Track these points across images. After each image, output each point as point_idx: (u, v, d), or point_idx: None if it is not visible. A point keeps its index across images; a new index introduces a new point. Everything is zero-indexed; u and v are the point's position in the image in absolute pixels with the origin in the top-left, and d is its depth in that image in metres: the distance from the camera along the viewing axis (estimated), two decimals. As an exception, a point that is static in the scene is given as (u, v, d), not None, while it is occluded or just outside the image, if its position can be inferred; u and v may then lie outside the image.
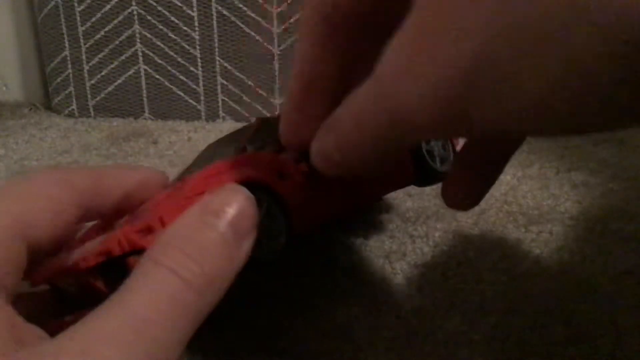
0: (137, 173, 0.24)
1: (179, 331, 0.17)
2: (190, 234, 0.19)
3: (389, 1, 0.19)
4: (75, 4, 0.56)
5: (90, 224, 0.25)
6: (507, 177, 0.41)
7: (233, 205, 0.19)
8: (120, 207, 0.24)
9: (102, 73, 0.58)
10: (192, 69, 0.57)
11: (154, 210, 0.20)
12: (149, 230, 0.19)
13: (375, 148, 0.18)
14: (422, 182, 0.30)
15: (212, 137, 0.53)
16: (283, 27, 0.55)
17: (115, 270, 0.19)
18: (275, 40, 0.56)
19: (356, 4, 0.19)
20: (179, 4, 0.55)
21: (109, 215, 0.24)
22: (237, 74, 0.57)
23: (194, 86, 0.58)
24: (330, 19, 0.19)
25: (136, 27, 0.56)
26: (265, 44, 0.56)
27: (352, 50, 0.20)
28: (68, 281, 0.20)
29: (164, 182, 0.25)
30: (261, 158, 0.23)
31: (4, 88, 0.66)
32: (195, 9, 0.55)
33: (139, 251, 0.19)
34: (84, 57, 0.58)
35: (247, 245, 0.20)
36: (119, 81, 0.58)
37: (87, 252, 0.20)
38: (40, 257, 0.21)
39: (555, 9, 0.12)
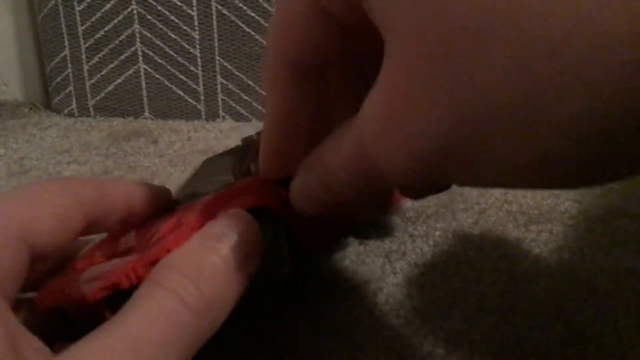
0: (142, 188, 0.24)
1: (175, 351, 0.17)
2: (190, 257, 0.19)
3: (358, 44, 0.19)
4: (75, 4, 0.56)
5: (95, 237, 0.25)
6: (507, 176, 0.41)
7: (235, 230, 0.20)
8: (124, 222, 0.24)
9: (102, 72, 0.58)
10: (192, 68, 0.57)
11: (161, 243, 0.20)
12: (156, 263, 0.19)
13: (357, 190, 0.18)
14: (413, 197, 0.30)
15: (212, 137, 0.53)
16: (283, 26, 0.55)
17: (122, 301, 0.19)
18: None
19: (320, 50, 0.19)
20: (179, 4, 0.55)
21: (114, 231, 0.24)
22: (237, 73, 0.57)
23: (194, 86, 0.58)
24: (296, 65, 0.19)
25: (136, 26, 0.56)
26: (265, 43, 0.56)
27: (321, 92, 0.20)
28: (74, 308, 0.20)
29: (168, 199, 0.25)
30: (266, 183, 0.23)
31: (4, 87, 0.66)
32: (195, 9, 0.55)
33: None
34: (83, 56, 0.58)
35: (249, 269, 0.20)
36: (119, 80, 0.58)
37: (94, 282, 0.20)
38: (43, 263, 0.21)
39: (513, 100, 0.12)
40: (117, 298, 0.19)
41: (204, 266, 0.19)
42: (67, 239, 0.21)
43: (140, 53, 0.57)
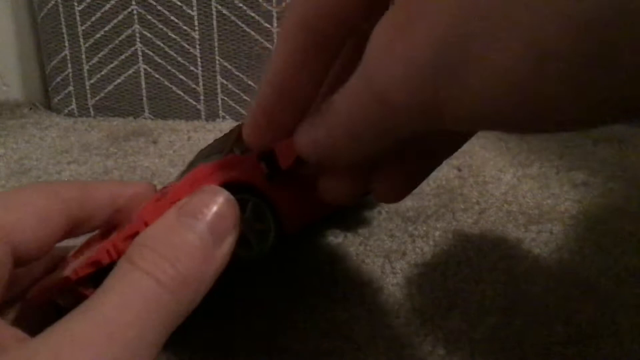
0: (128, 187, 0.24)
1: (152, 333, 0.17)
2: (165, 235, 0.18)
3: (374, 14, 0.19)
4: (75, 4, 0.56)
5: (82, 238, 0.25)
6: (507, 176, 0.41)
7: (210, 206, 0.19)
8: (112, 222, 0.24)
9: (102, 72, 0.58)
10: (192, 68, 0.57)
11: (139, 216, 0.20)
12: (135, 235, 0.19)
13: (367, 137, 0.18)
14: None
15: (212, 137, 0.53)
16: (283, 26, 0.55)
17: (104, 276, 0.19)
18: (275, 40, 0.56)
19: (342, 24, 0.19)
20: (179, 4, 0.55)
21: (102, 231, 0.24)
22: (237, 73, 0.57)
23: (194, 85, 0.58)
24: (313, 28, 0.19)
25: (136, 26, 0.56)
26: (265, 43, 0.56)
27: (330, 62, 0.20)
28: (63, 295, 0.20)
29: (153, 193, 0.25)
30: (246, 159, 0.23)
31: (4, 87, 0.66)
32: (195, 9, 0.55)
33: None
34: (83, 56, 0.58)
35: (226, 246, 0.19)
36: (119, 80, 0.58)
37: (77, 264, 0.20)
38: (27, 265, 0.21)
39: None
40: (102, 278, 0.19)
41: (179, 244, 0.18)
42: (50, 240, 0.21)
43: (140, 53, 0.57)
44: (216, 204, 0.19)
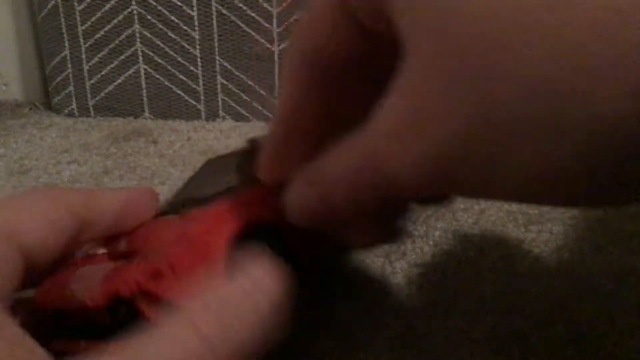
0: (130, 194, 0.24)
1: None
2: (227, 304, 0.18)
3: (375, 51, 0.19)
4: (75, 4, 0.56)
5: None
6: (507, 176, 0.41)
7: (271, 287, 0.19)
8: (114, 227, 0.24)
9: (102, 72, 0.58)
10: (192, 68, 0.57)
11: (162, 253, 0.20)
12: (158, 275, 0.20)
13: (360, 202, 0.18)
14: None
15: (212, 137, 0.53)
16: (283, 26, 0.55)
17: (120, 306, 0.20)
18: (276, 40, 0.56)
19: (341, 52, 0.19)
20: (179, 4, 0.55)
21: (105, 238, 0.24)
22: (237, 73, 0.57)
23: (194, 86, 0.58)
24: (315, 64, 0.19)
25: (136, 26, 0.56)
26: (265, 43, 0.56)
27: (335, 95, 0.20)
28: (72, 310, 0.20)
29: (155, 200, 0.25)
30: (268, 193, 0.23)
31: (4, 87, 0.66)
32: (195, 9, 0.55)
33: (146, 293, 0.19)
34: (83, 56, 0.58)
35: (275, 331, 0.19)
36: (119, 81, 0.58)
37: (93, 286, 0.20)
38: (36, 267, 0.21)
39: (538, 97, 0.12)
40: (116, 306, 0.19)
41: (238, 314, 0.18)
42: (58, 245, 0.22)
43: (140, 53, 0.57)
44: (276, 286, 0.19)
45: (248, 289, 0.18)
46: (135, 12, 0.56)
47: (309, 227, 0.21)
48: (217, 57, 0.57)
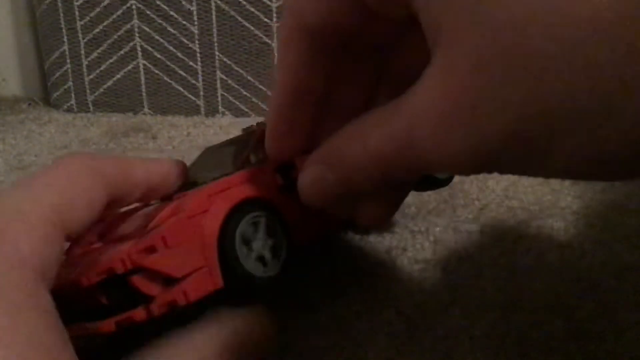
0: (161, 166, 0.25)
1: None
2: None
3: (376, 33, 0.19)
4: (74, -1, 0.56)
5: None
6: (508, 172, 0.41)
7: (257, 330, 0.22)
8: (145, 199, 0.25)
9: (101, 68, 0.58)
10: (191, 63, 0.57)
11: (157, 230, 0.20)
12: (151, 250, 0.20)
13: (385, 181, 0.18)
14: (423, 188, 0.31)
15: (211, 133, 0.53)
16: (283, 21, 0.55)
17: (116, 285, 0.20)
18: (275, 35, 0.55)
19: (339, 25, 0.19)
20: (178, -2, 0.55)
21: (111, 219, 0.25)
22: (237, 68, 0.57)
23: (193, 81, 0.58)
24: (312, 33, 0.19)
25: (135, 21, 0.56)
26: (264, 38, 0.56)
27: (334, 68, 0.20)
28: (70, 292, 0.20)
29: (184, 171, 0.26)
30: (262, 172, 0.23)
31: (3, 83, 0.66)
32: (194, 3, 0.55)
33: (141, 269, 0.19)
34: (82, 51, 0.58)
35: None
36: (118, 76, 0.58)
37: (89, 268, 0.20)
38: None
39: (585, 96, 0.12)
40: (111, 283, 0.20)
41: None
42: (94, 218, 0.22)
43: (139, 48, 0.57)
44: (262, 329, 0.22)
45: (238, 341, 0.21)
46: (134, 7, 0.56)
47: (321, 207, 0.21)
48: (217, 53, 0.56)
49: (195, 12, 0.55)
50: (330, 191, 0.20)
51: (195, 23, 0.56)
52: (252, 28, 0.55)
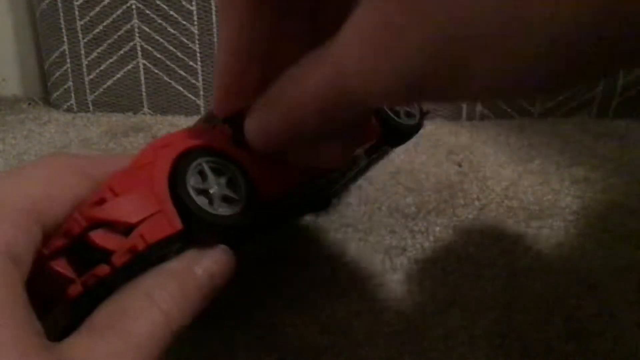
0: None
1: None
2: (179, 284, 0.20)
3: None
4: (74, -2, 0.56)
5: None
6: (508, 171, 0.41)
7: (220, 266, 0.21)
8: None
9: (101, 68, 0.58)
10: (191, 63, 0.57)
11: (106, 184, 0.20)
12: (101, 201, 0.20)
13: (327, 120, 0.18)
14: (391, 139, 0.29)
15: (212, 132, 0.53)
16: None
17: (80, 253, 0.20)
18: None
19: None
20: (178, -2, 0.55)
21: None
22: (237, 68, 0.57)
23: (193, 81, 0.58)
24: None
25: (135, 21, 0.56)
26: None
27: (283, 13, 0.20)
28: (42, 280, 0.20)
29: None
30: (214, 129, 0.23)
31: (2, 83, 0.66)
32: (194, 3, 0.55)
33: (97, 225, 0.19)
34: (82, 51, 0.58)
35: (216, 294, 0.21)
36: (118, 76, 0.58)
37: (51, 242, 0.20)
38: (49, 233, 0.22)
39: (492, 18, 0.13)
40: (76, 255, 0.20)
41: (189, 294, 0.20)
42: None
43: (139, 48, 0.57)
44: (224, 265, 0.22)
45: (199, 274, 0.21)
46: (134, 6, 0.56)
47: (269, 151, 0.21)
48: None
49: (195, 12, 0.55)
50: (276, 134, 0.20)
51: (195, 23, 0.56)
52: (252, 28, 0.55)
